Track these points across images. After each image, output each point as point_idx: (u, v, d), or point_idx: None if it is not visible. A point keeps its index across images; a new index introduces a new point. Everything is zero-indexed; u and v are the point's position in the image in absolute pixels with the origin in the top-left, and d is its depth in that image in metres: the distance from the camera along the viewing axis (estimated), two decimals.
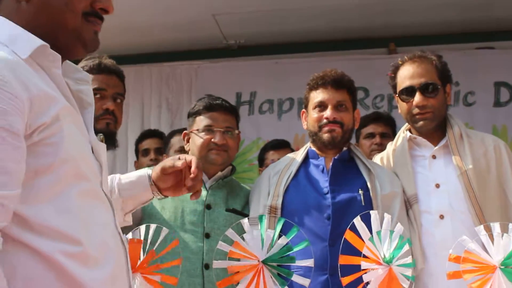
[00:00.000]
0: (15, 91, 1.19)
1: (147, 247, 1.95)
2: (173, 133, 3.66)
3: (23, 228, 1.22)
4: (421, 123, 2.59)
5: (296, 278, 1.90)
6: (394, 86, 2.68)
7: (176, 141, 3.51)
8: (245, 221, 1.95)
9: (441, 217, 2.48)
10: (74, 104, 1.41)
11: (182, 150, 3.32)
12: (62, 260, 1.23)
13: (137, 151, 4.08)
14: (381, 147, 3.14)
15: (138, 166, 4.00)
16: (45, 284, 1.22)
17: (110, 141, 2.40)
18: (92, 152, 1.45)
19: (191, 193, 1.83)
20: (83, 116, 1.47)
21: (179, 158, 1.84)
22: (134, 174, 1.91)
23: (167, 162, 1.85)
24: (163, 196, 1.89)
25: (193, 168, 1.79)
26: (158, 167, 1.85)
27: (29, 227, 1.22)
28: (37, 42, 1.31)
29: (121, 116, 2.58)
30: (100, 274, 1.30)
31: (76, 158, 1.32)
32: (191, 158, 1.82)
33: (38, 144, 1.24)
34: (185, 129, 3.02)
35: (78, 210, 1.30)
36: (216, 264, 1.94)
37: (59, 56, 1.36)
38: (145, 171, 1.88)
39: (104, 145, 1.56)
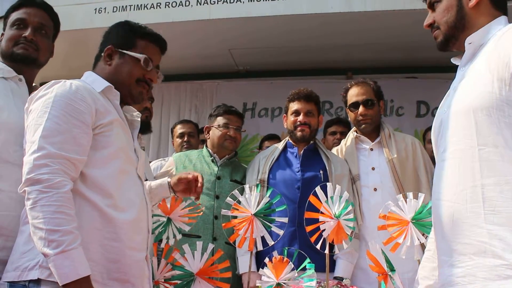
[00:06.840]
0: (88, 102, 1.40)
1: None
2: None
3: (83, 183, 1.37)
4: (363, 126, 2.60)
5: (274, 228, 1.88)
6: (345, 102, 2.68)
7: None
8: (246, 186, 1.93)
9: (375, 189, 2.49)
10: (126, 122, 1.56)
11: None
12: (102, 205, 1.37)
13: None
14: (340, 141, 3.13)
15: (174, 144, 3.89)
16: (92, 218, 1.36)
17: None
18: (135, 151, 1.57)
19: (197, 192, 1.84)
20: (132, 132, 1.62)
21: (189, 173, 1.86)
22: (159, 181, 1.89)
23: (182, 174, 1.86)
24: (177, 196, 1.88)
25: (199, 183, 1.82)
26: (175, 177, 1.85)
27: (86, 183, 1.37)
28: (106, 83, 1.52)
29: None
30: (125, 216, 1.42)
31: (119, 147, 1.46)
32: (198, 174, 1.85)
33: (98, 135, 1.42)
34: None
35: (116, 177, 1.43)
36: (224, 212, 1.92)
37: (118, 93, 1.53)
38: (166, 179, 1.87)
39: (143, 152, 1.70)
